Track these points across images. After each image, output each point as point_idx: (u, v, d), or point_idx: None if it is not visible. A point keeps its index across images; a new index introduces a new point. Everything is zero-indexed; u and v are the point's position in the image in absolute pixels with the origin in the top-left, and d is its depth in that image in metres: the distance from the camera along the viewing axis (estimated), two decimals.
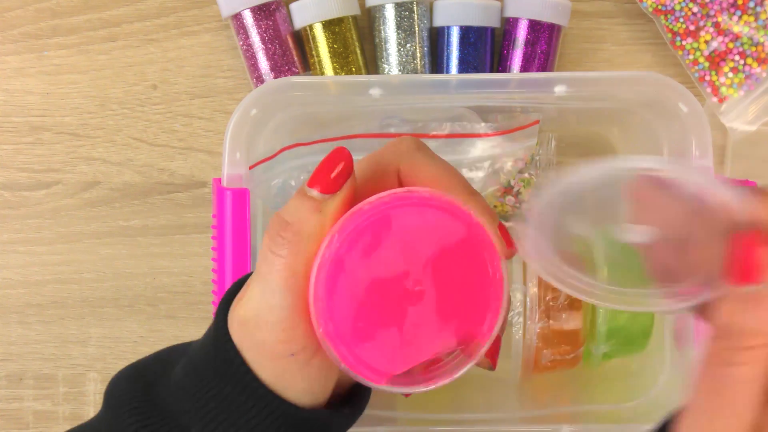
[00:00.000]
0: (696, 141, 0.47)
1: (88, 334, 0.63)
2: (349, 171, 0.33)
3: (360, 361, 0.32)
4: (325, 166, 0.33)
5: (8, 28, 0.63)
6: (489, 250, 0.32)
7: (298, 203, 0.32)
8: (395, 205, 0.32)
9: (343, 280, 0.31)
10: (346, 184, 0.32)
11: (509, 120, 0.57)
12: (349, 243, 0.31)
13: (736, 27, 0.57)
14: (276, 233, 0.32)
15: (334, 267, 0.31)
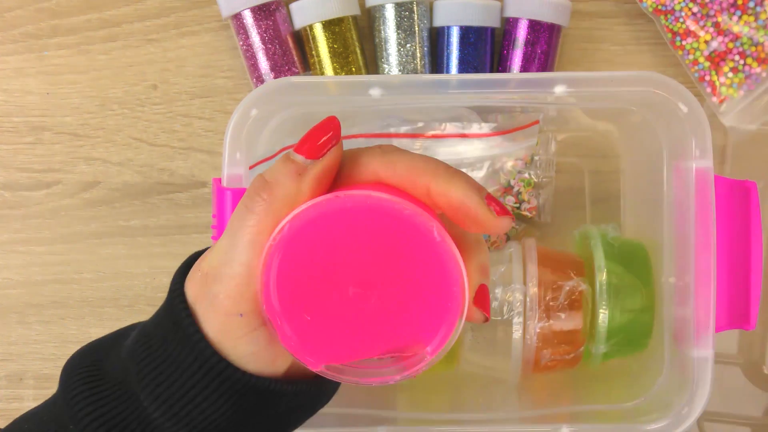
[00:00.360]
0: (696, 141, 0.47)
1: (88, 334, 0.63)
2: (335, 139, 0.33)
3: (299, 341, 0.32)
4: (313, 133, 0.33)
5: (8, 28, 0.63)
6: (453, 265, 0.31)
7: (280, 165, 0.33)
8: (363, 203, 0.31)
9: (297, 258, 0.31)
10: (331, 152, 0.33)
11: (509, 120, 0.57)
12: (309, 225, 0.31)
13: (736, 27, 0.57)
14: (255, 191, 0.32)
15: (291, 243, 0.31)
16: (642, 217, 0.58)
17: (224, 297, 0.32)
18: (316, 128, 0.34)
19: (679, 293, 0.49)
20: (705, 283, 0.46)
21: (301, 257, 0.31)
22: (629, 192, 0.60)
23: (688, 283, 0.47)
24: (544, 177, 0.59)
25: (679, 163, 0.49)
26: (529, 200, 0.58)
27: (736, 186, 0.48)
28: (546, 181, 0.59)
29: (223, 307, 0.32)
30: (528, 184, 0.58)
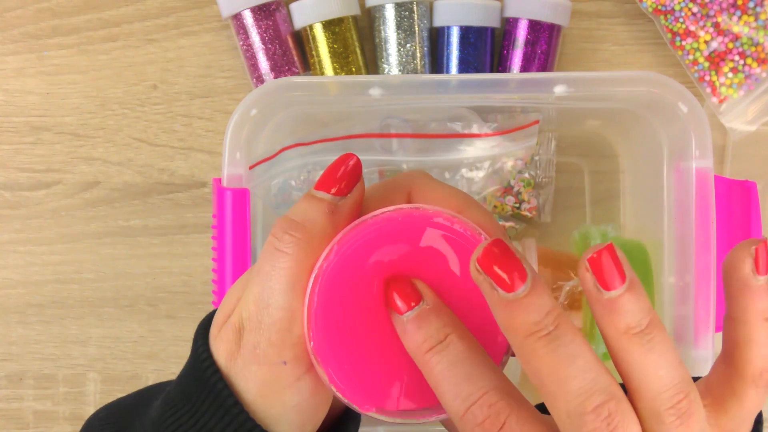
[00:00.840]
0: (696, 141, 0.47)
1: (88, 334, 0.63)
2: (358, 173, 0.31)
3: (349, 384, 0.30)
4: (335, 169, 0.31)
5: (8, 28, 0.63)
6: None
7: (306, 205, 0.31)
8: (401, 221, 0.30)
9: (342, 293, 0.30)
10: (356, 186, 0.31)
11: (509, 120, 0.57)
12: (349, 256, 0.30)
13: (735, 27, 0.57)
14: (283, 231, 0.30)
15: (333, 280, 0.29)
16: (642, 217, 0.58)
17: (267, 345, 0.30)
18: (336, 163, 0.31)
19: (679, 293, 0.49)
20: (705, 283, 0.46)
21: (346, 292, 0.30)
22: (629, 192, 0.60)
23: (688, 283, 0.47)
24: (544, 177, 0.59)
25: (679, 163, 0.49)
26: (529, 200, 0.58)
27: (736, 186, 0.48)
28: (546, 181, 0.59)
29: (266, 357, 0.30)
30: (528, 184, 0.58)
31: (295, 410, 0.30)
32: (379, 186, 0.33)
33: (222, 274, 0.47)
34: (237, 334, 0.31)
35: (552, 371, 0.26)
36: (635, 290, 0.26)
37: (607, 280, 0.26)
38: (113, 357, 0.63)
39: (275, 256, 0.30)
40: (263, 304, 0.30)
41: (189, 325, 0.63)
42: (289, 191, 0.56)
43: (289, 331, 0.30)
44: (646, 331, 0.26)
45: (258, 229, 0.51)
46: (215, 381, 0.30)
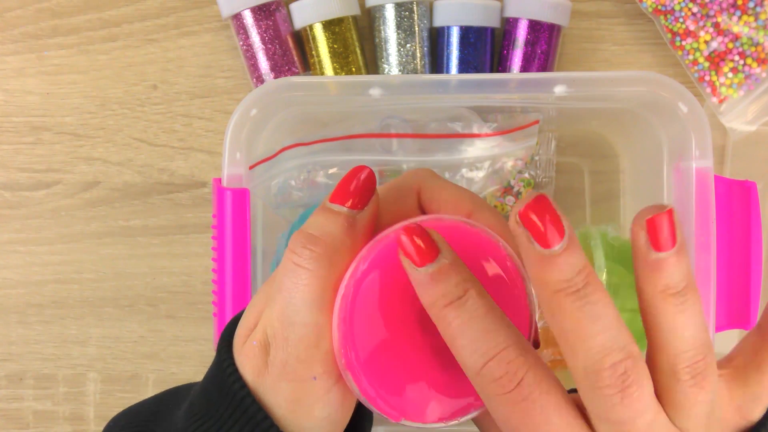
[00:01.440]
0: (696, 141, 0.47)
1: (88, 334, 0.63)
2: (373, 185, 0.31)
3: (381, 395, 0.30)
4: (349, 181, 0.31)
5: (8, 28, 0.63)
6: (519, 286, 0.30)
7: (323, 219, 0.31)
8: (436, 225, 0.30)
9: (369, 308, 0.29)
10: (372, 199, 0.31)
11: (509, 120, 0.57)
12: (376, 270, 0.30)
13: (735, 27, 0.57)
14: (302, 246, 0.30)
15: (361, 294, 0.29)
16: None
17: (296, 362, 0.30)
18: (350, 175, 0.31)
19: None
20: (705, 283, 0.46)
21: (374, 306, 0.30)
22: (629, 192, 0.60)
23: None
24: (544, 177, 0.59)
25: (679, 163, 0.49)
26: None
27: (736, 186, 0.48)
28: (546, 181, 0.59)
29: (295, 374, 0.30)
30: (528, 184, 0.58)
31: (325, 421, 0.31)
32: (388, 189, 0.33)
33: (222, 274, 0.47)
34: (263, 350, 0.30)
35: (575, 327, 0.26)
36: (682, 254, 0.27)
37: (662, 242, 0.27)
38: (113, 357, 0.63)
39: (296, 272, 0.30)
40: (288, 321, 0.30)
41: (189, 325, 0.63)
42: (289, 191, 0.56)
43: (317, 347, 0.30)
44: (682, 292, 0.27)
45: (258, 229, 0.51)
46: (243, 396, 0.30)
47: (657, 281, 0.27)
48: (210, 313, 0.62)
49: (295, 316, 0.30)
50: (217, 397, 0.31)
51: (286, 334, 0.30)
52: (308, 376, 0.30)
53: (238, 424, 0.30)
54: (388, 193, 0.33)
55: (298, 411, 0.30)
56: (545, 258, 0.26)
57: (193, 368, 0.63)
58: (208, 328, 0.63)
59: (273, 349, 0.30)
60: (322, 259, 0.30)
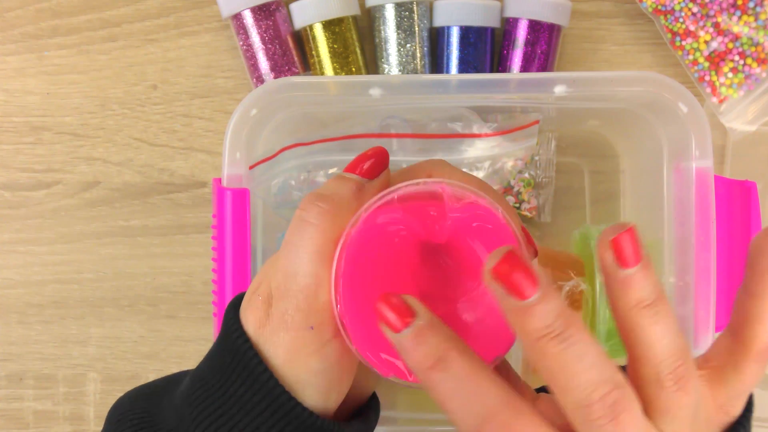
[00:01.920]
0: (696, 141, 0.47)
1: (88, 334, 0.63)
2: (386, 160, 0.33)
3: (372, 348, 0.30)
4: (365, 155, 0.33)
5: (8, 28, 0.63)
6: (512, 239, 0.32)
7: (334, 182, 0.32)
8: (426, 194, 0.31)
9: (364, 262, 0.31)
10: (383, 172, 0.33)
11: (509, 120, 0.57)
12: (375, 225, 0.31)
13: (735, 27, 0.57)
14: (310, 203, 0.31)
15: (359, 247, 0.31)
16: (642, 217, 0.58)
17: (294, 311, 0.31)
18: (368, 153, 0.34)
19: (679, 293, 0.49)
20: (705, 283, 0.46)
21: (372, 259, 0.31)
22: (629, 192, 0.60)
23: (688, 283, 0.47)
24: (544, 177, 0.59)
25: (679, 163, 0.49)
26: (529, 200, 0.58)
27: (736, 186, 0.48)
28: (546, 181, 0.59)
29: (294, 323, 0.31)
30: (528, 184, 0.58)
31: (320, 376, 0.31)
32: (401, 171, 0.34)
33: (222, 274, 0.47)
34: (266, 303, 0.32)
35: (561, 369, 0.27)
36: (648, 268, 0.28)
37: (627, 259, 0.28)
38: (113, 357, 0.63)
39: (302, 226, 0.31)
40: (291, 273, 0.31)
41: (189, 325, 0.63)
42: (289, 191, 0.56)
43: (315, 297, 0.31)
44: (653, 304, 0.28)
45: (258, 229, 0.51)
46: (245, 349, 0.31)
47: (629, 296, 0.28)
48: (210, 313, 0.62)
49: (297, 268, 0.31)
50: (220, 355, 0.32)
51: (288, 285, 0.31)
52: (305, 326, 0.31)
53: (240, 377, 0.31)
54: (400, 174, 0.34)
55: (294, 361, 0.31)
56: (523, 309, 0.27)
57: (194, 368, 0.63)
58: (208, 328, 0.63)
59: (275, 300, 0.31)
60: (328, 214, 0.31)
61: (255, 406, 0.31)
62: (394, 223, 0.31)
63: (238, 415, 0.31)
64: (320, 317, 0.31)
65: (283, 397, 0.31)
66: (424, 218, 0.31)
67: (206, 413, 0.31)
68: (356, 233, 0.31)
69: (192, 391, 0.33)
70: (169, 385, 0.35)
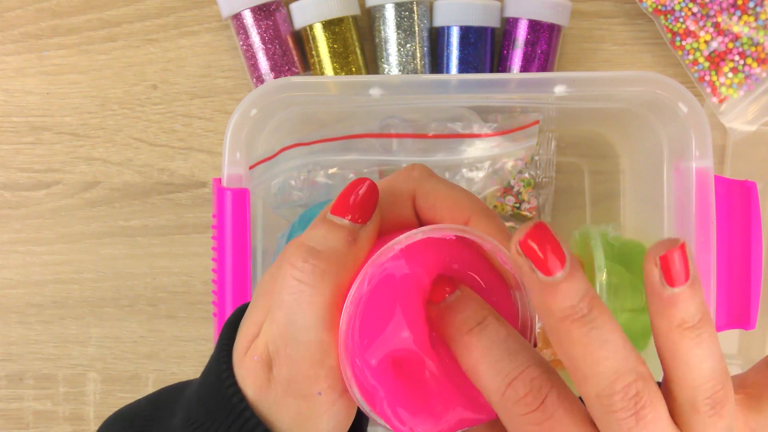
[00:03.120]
0: (696, 141, 0.47)
1: (88, 334, 0.63)
2: (375, 198, 0.31)
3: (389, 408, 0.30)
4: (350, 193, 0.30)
5: (8, 28, 0.63)
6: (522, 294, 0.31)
7: (325, 232, 0.30)
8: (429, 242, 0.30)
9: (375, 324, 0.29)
10: (375, 212, 0.31)
11: (509, 120, 0.57)
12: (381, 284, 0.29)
13: (736, 27, 0.57)
14: (303, 260, 0.29)
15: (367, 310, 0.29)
16: (642, 217, 0.58)
17: (301, 379, 0.29)
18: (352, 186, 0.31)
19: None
20: (705, 284, 0.46)
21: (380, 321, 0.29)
22: (629, 192, 0.60)
23: None
24: (544, 177, 0.59)
25: (679, 163, 0.49)
26: (529, 200, 0.58)
27: (736, 186, 0.48)
28: (546, 181, 0.59)
29: (300, 391, 0.30)
30: (528, 184, 0.58)
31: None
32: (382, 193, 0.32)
33: (222, 274, 0.47)
34: (265, 367, 0.30)
35: (584, 353, 0.26)
36: (696, 287, 0.27)
37: (675, 278, 0.27)
38: (113, 357, 0.63)
39: (298, 288, 0.29)
40: (291, 339, 0.29)
41: (189, 325, 0.63)
42: (289, 191, 0.56)
43: (321, 363, 0.29)
44: (697, 326, 0.27)
45: (258, 229, 0.51)
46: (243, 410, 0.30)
47: (672, 316, 0.27)
48: (210, 313, 0.62)
49: (298, 335, 0.29)
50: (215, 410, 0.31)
51: (290, 351, 0.29)
52: (313, 392, 0.30)
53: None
54: (383, 198, 0.32)
55: (304, 426, 0.30)
56: (548, 286, 0.26)
57: (193, 368, 0.63)
58: (208, 328, 0.63)
59: (276, 367, 0.30)
60: (326, 275, 0.29)
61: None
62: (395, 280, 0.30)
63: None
64: (328, 382, 0.30)
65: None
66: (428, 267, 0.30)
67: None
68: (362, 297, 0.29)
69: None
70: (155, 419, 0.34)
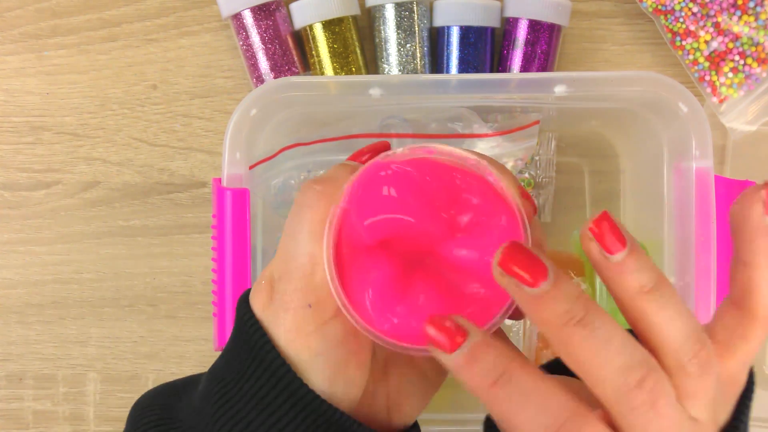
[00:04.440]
0: (696, 141, 0.47)
1: (88, 334, 0.63)
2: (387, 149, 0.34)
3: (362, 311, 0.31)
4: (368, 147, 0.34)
5: (8, 28, 0.63)
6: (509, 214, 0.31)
7: (335, 168, 0.33)
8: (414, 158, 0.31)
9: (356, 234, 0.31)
10: None
11: (509, 120, 0.57)
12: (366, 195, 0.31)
13: (736, 27, 0.57)
14: (308, 187, 0.32)
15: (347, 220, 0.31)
16: (642, 217, 0.58)
17: (292, 290, 0.31)
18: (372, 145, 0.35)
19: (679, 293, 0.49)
20: (705, 283, 0.46)
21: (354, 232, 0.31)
22: (629, 192, 0.60)
23: (688, 283, 0.47)
24: (544, 177, 0.59)
25: (679, 163, 0.49)
26: None
27: (736, 186, 0.48)
28: (546, 181, 0.59)
29: (292, 302, 0.31)
30: (528, 184, 0.58)
31: (322, 357, 0.31)
32: None
33: (222, 274, 0.47)
34: (269, 286, 0.32)
35: (591, 356, 0.26)
36: (638, 251, 0.27)
37: (610, 244, 0.27)
38: (113, 357, 0.63)
39: (299, 210, 0.32)
40: (290, 255, 0.32)
41: (189, 325, 0.63)
42: (289, 191, 0.56)
43: (311, 275, 0.31)
44: (656, 287, 0.27)
45: (258, 229, 0.51)
46: (253, 331, 0.32)
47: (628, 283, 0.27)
48: (210, 313, 0.62)
49: (294, 249, 0.32)
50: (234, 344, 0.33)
51: (287, 266, 0.32)
52: (303, 304, 0.31)
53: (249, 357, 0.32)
54: None
55: (296, 341, 0.31)
56: (539, 297, 0.26)
57: (193, 368, 0.63)
58: (208, 328, 0.63)
59: (276, 283, 0.32)
60: (323, 194, 0.31)
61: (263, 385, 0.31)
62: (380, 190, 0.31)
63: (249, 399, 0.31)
64: (317, 295, 0.31)
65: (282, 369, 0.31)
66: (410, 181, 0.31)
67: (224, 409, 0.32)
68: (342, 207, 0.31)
69: (210, 387, 0.33)
70: (189, 385, 0.36)
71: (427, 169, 0.31)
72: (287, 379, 0.31)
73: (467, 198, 0.31)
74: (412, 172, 0.31)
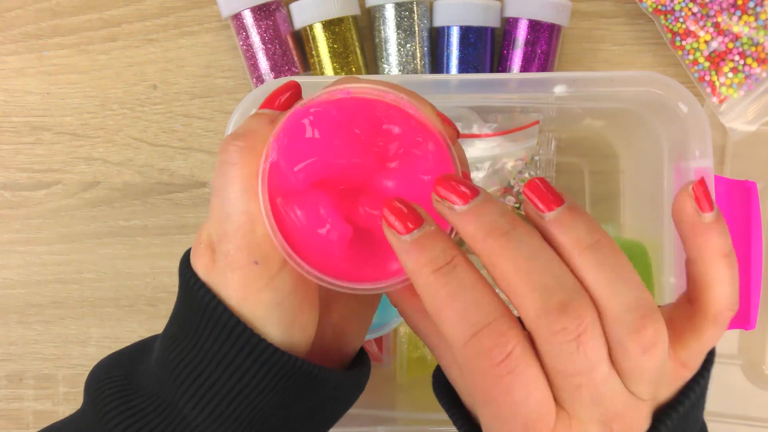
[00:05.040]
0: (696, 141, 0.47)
1: (88, 334, 0.63)
2: (298, 92, 0.34)
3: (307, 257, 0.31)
4: (277, 92, 0.34)
5: (8, 28, 0.63)
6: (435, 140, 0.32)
7: (250, 119, 0.33)
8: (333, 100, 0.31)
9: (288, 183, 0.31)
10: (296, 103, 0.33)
11: (509, 120, 0.57)
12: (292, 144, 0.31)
13: (736, 27, 0.57)
14: (228, 143, 0.32)
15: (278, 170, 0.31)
16: (642, 217, 0.58)
17: (236, 250, 0.31)
18: (281, 88, 0.34)
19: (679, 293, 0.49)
20: None
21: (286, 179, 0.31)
22: (629, 192, 0.60)
23: None
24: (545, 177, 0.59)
25: (679, 163, 0.49)
26: None
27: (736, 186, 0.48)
28: None
29: (237, 262, 0.31)
30: None
31: (277, 309, 0.31)
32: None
33: None
34: (209, 248, 0.32)
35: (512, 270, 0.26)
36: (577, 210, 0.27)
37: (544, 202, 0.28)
38: None
39: (223, 168, 0.31)
40: (224, 215, 0.31)
41: None
42: None
43: (252, 232, 0.31)
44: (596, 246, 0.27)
45: None
46: (202, 294, 0.31)
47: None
48: None
49: (228, 209, 0.31)
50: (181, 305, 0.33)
51: (224, 227, 0.31)
52: (249, 262, 0.31)
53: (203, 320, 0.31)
54: None
55: (248, 298, 0.31)
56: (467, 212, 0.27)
57: None
58: None
59: (216, 244, 0.32)
60: (245, 150, 0.31)
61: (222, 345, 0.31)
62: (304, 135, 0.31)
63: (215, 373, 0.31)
64: (262, 251, 0.31)
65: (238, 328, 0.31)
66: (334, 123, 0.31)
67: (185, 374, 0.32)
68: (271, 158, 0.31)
69: (166, 353, 0.33)
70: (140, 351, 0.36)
71: (348, 108, 0.32)
72: (245, 337, 0.31)
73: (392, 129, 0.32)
74: (334, 112, 0.31)
